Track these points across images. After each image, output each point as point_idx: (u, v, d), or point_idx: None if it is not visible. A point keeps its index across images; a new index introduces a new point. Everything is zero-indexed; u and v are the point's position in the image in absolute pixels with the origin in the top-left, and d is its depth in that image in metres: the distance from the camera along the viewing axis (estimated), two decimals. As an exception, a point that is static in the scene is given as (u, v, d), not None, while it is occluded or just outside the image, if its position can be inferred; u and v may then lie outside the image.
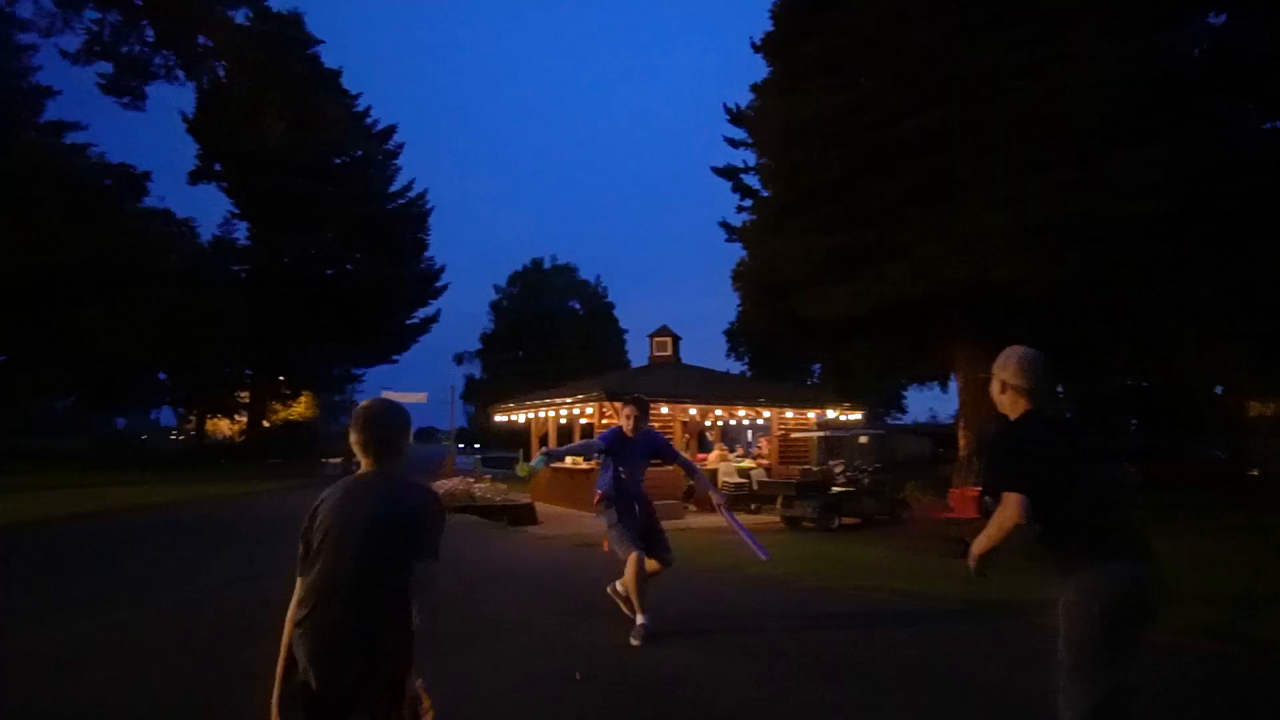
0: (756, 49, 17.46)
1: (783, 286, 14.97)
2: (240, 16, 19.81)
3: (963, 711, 3.58)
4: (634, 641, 4.63)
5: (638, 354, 49.92)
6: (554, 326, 57.20)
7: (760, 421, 18.86)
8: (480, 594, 5.78)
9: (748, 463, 16.15)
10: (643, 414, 5.06)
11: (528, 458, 16.07)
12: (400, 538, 1.94)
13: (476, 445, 49.80)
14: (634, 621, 4.79)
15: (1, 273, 19.68)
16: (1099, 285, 12.12)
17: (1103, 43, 11.35)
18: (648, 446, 5.20)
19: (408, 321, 37.98)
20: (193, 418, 43.87)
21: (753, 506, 14.57)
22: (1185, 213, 10.99)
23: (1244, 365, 14.53)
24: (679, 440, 15.03)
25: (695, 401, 15.40)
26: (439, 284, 38.80)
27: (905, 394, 40.93)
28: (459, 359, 57.82)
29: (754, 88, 17.54)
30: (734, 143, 36.31)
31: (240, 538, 9.61)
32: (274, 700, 1.95)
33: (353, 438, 2.10)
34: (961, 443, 15.44)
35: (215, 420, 44.33)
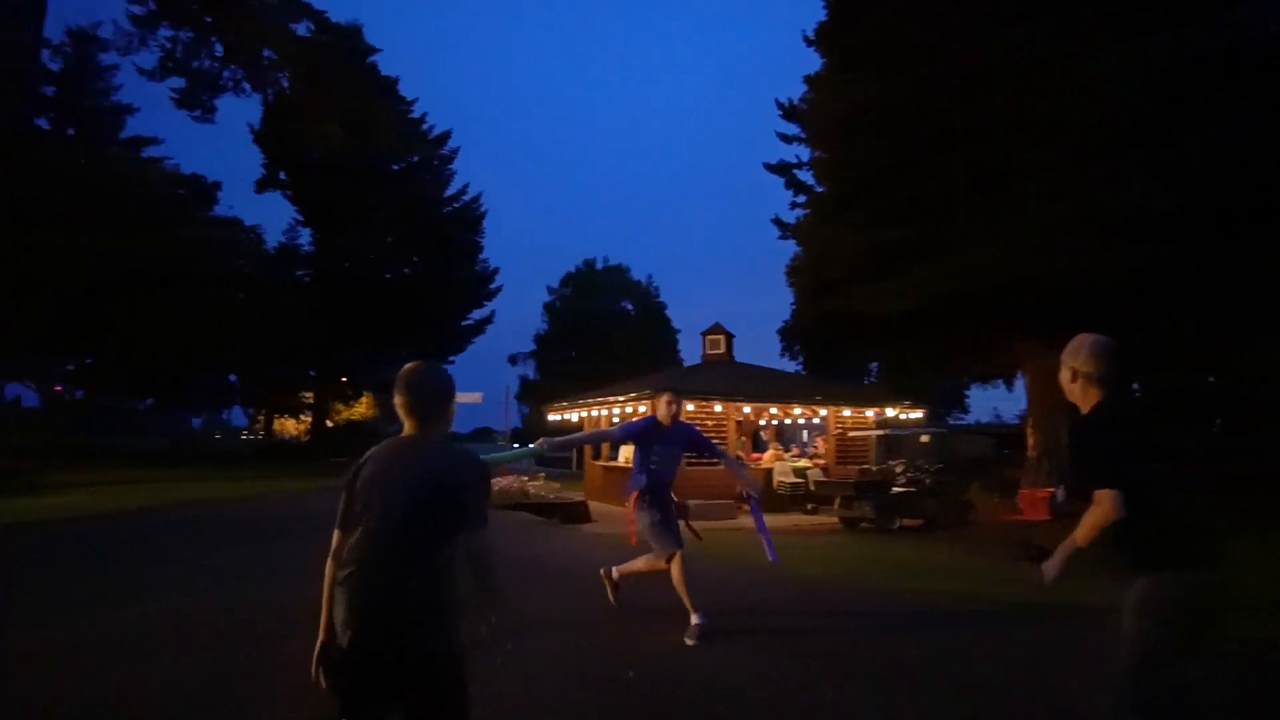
0: (810, 42, 17.12)
1: (836, 282, 14.60)
2: (302, 29, 20.47)
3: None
4: (689, 641, 4.54)
5: (690, 354, 49.65)
6: (606, 327, 57.43)
7: (816, 421, 18.49)
8: (533, 590, 5.75)
9: (804, 462, 15.83)
10: (677, 404, 5.08)
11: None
12: (443, 501, 1.90)
13: (530, 445, 50.35)
14: (690, 620, 4.68)
15: (83, 278, 20.82)
16: (1166, 278, 11.43)
17: (1165, 20, 10.70)
18: (683, 438, 5.20)
19: (463, 323, 38.64)
20: (261, 418, 45.66)
21: (809, 507, 14.28)
22: (1258, 199, 10.27)
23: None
24: (731, 440, 14.82)
25: (749, 400, 15.16)
26: (493, 285, 39.37)
27: (967, 393, 39.66)
28: (513, 360, 58.62)
29: (807, 79, 17.20)
30: (786, 138, 35.64)
31: (296, 533, 9.85)
32: (314, 657, 1.91)
33: (396, 400, 2.06)
34: (1030, 443, 14.78)
35: (282, 420, 46.04)
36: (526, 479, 16.04)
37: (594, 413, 17.59)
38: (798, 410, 16.22)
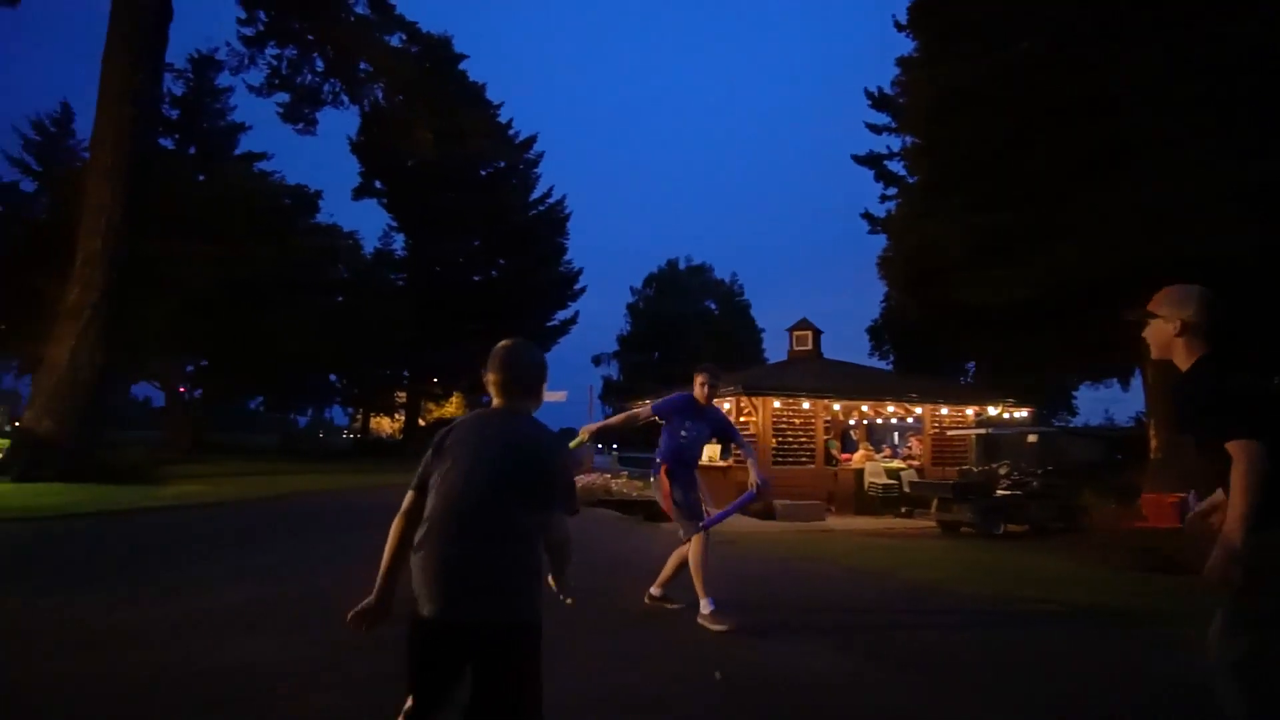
0: (901, 27, 16.33)
1: (935, 271, 13.80)
2: (395, 40, 21.27)
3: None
4: (716, 627, 4.48)
5: (775, 354, 48.68)
6: (689, 327, 57.20)
7: (910, 421, 17.63)
8: (615, 584, 5.62)
9: (897, 463, 15.12)
10: (714, 383, 5.10)
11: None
12: (528, 472, 1.88)
13: (614, 445, 50.77)
14: (700, 608, 4.63)
15: (202, 285, 22.39)
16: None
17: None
18: (714, 421, 5.21)
19: (548, 324, 39.34)
20: (359, 417, 47.95)
21: (903, 510, 13.62)
22: None
23: None
24: (819, 439, 14.28)
25: (839, 397, 14.56)
26: (577, 287, 39.92)
27: (1075, 393, 37.00)
28: (597, 360, 59.14)
29: (900, 61, 16.41)
30: (876, 128, 34.48)
31: (383, 524, 10.12)
32: (374, 593, 1.91)
33: (489, 377, 2.04)
34: (1153, 445, 13.55)
35: (378, 419, 48.20)
36: (609, 476, 16.03)
37: (677, 410, 17.40)
38: (890, 408, 15.46)
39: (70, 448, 13.55)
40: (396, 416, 44.45)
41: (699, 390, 5.06)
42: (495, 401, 2.04)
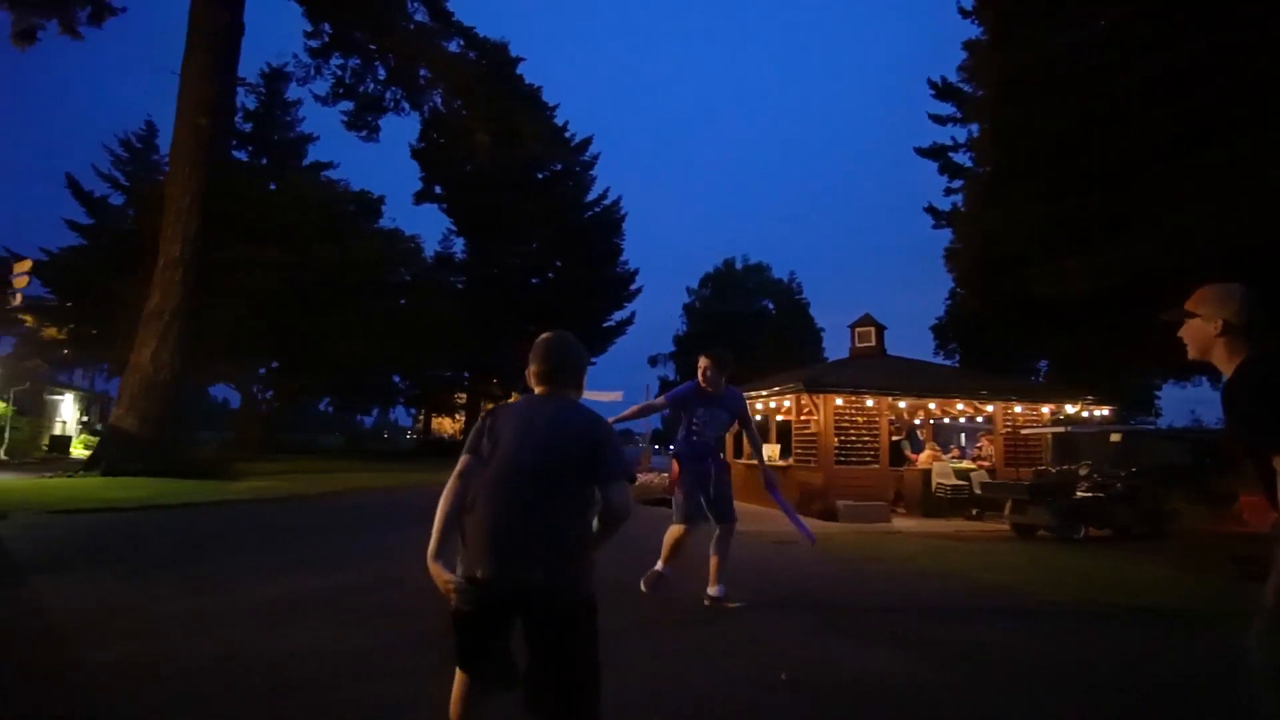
0: (967, 14, 15.72)
1: (1005, 262, 13.16)
2: (454, 46, 21.66)
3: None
4: (643, 588, 4.80)
5: (835, 353, 47.68)
6: (747, 327, 56.54)
7: (980, 420, 16.92)
8: (674, 583, 5.47)
9: (966, 464, 14.52)
10: (717, 368, 4.90)
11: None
12: (578, 446, 1.92)
13: (670, 445, 50.64)
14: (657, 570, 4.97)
15: (272, 289, 23.27)
16: None
17: None
18: (732, 405, 5.08)
19: (604, 324, 39.48)
20: (421, 417, 49.07)
21: (973, 512, 13.05)
22: None
23: None
24: (884, 438, 13.80)
25: (905, 394, 14.04)
26: (633, 287, 39.96)
27: (1158, 392, 34.92)
28: (653, 361, 59.11)
29: (966, 45, 15.77)
30: (940, 119, 33.41)
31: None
32: (430, 551, 1.89)
33: (532, 369, 2.10)
34: (1250, 446, 12.55)
35: (440, 419, 49.23)
36: (666, 475, 15.88)
37: (735, 409, 17.13)
38: (959, 406, 14.82)
39: (152, 444, 14.24)
40: (457, 417, 45.35)
41: (701, 376, 4.94)
42: (539, 390, 2.11)
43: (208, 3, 16.46)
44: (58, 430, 23.67)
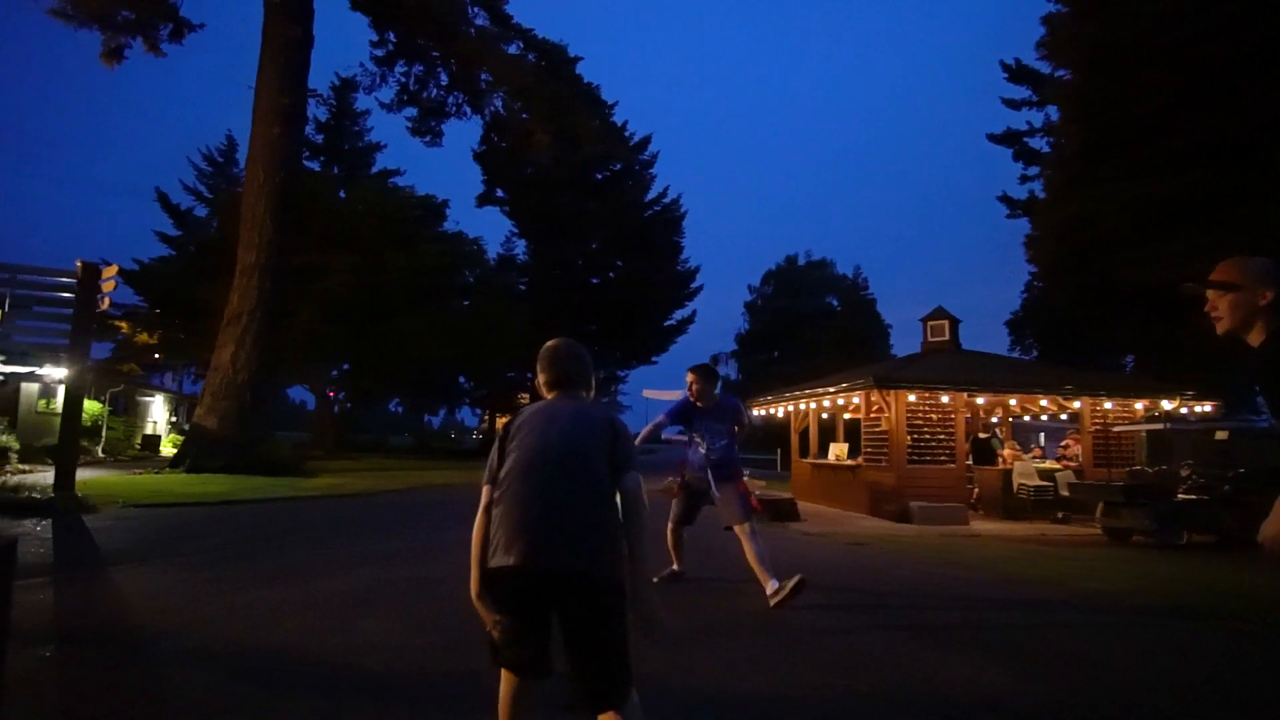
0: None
1: (1093, 248, 12.32)
2: (514, 48, 21.85)
3: None
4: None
5: (902, 350, 46.27)
6: (810, 324, 55.49)
7: (1064, 417, 15.98)
8: (746, 586, 5.23)
9: (1050, 464, 13.71)
10: (703, 381, 5.19)
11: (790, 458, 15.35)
12: (601, 438, 1.94)
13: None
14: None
15: (343, 293, 24.02)
16: None
17: None
18: (728, 414, 5.31)
19: (666, 323, 39.27)
20: (486, 417, 50.00)
21: (1059, 515, 12.28)
22: None
23: None
24: (959, 437, 13.12)
25: (984, 390, 13.31)
26: (694, 285, 39.62)
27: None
28: (715, 360, 58.63)
29: (1045, 19, 14.85)
30: (1014, 103, 31.98)
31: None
32: (473, 590, 1.90)
33: (541, 378, 2.16)
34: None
35: (504, 418, 50.02)
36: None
37: (801, 406, 16.67)
38: (1043, 402, 13.98)
39: (232, 442, 14.81)
40: (521, 417, 45.94)
41: (690, 392, 5.21)
42: (550, 396, 2.15)
43: (279, 17, 17.05)
44: (149, 430, 25.01)
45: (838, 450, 15.46)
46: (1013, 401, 14.45)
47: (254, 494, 10.93)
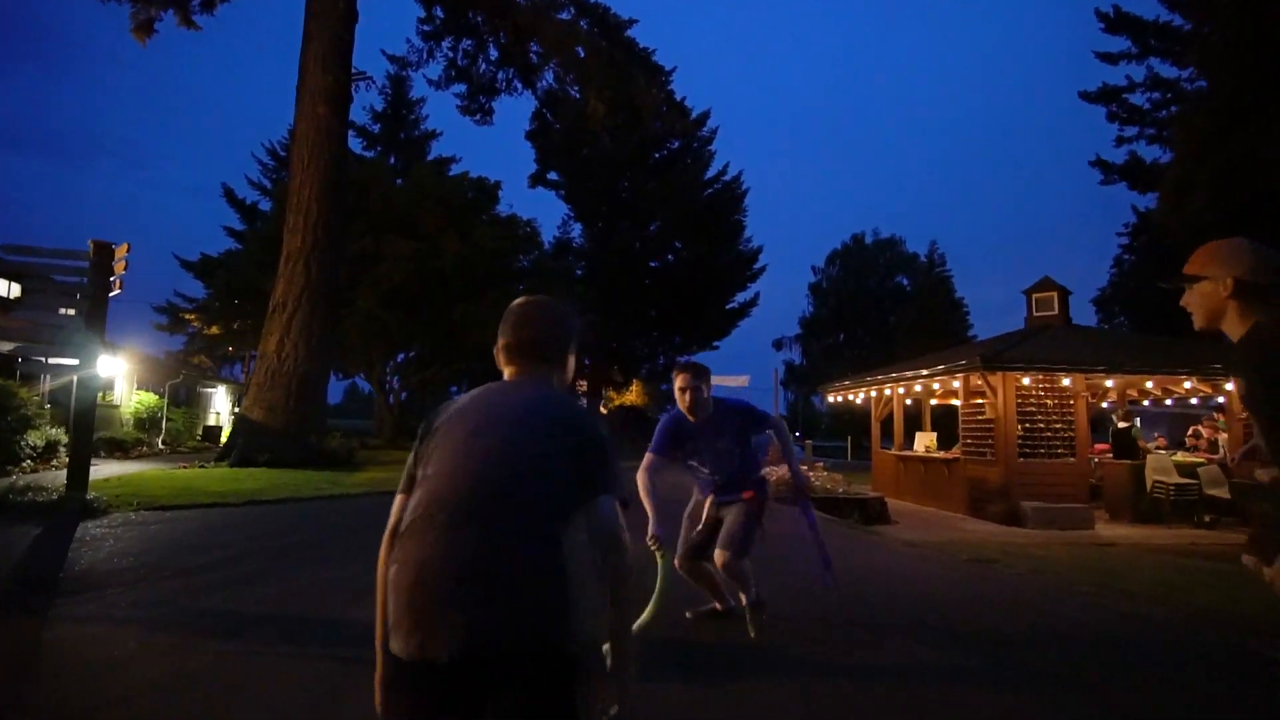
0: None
1: (1258, 201, 10.30)
2: (565, 15, 20.66)
3: None
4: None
5: (984, 332, 43.49)
6: (879, 306, 52.98)
7: (1195, 402, 13.94)
8: (863, 593, 3.93)
9: (1184, 456, 11.84)
10: (700, 381, 3.75)
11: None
12: (558, 444, 1.29)
13: (797, 433, 48.34)
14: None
15: (403, 280, 23.49)
16: None
17: None
18: (730, 422, 3.81)
19: (728, 306, 37.80)
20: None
21: (1206, 519, 10.47)
22: None
23: None
24: (1081, 426, 11.32)
25: (1114, 371, 11.40)
26: (757, 266, 37.97)
27: None
28: (778, 344, 56.78)
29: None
30: (1111, 57, 29.33)
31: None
32: (377, 679, 1.27)
33: (501, 343, 1.50)
34: None
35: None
36: (806, 469, 14.20)
37: (886, 391, 15.04)
38: (1187, 385, 11.96)
39: (279, 433, 14.20)
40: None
41: (680, 400, 3.80)
42: (508, 373, 1.50)
43: (322, -11, 16.33)
44: (211, 421, 25.14)
45: (926, 441, 13.86)
46: (1150, 384, 12.47)
47: (288, 492, 10.17)
